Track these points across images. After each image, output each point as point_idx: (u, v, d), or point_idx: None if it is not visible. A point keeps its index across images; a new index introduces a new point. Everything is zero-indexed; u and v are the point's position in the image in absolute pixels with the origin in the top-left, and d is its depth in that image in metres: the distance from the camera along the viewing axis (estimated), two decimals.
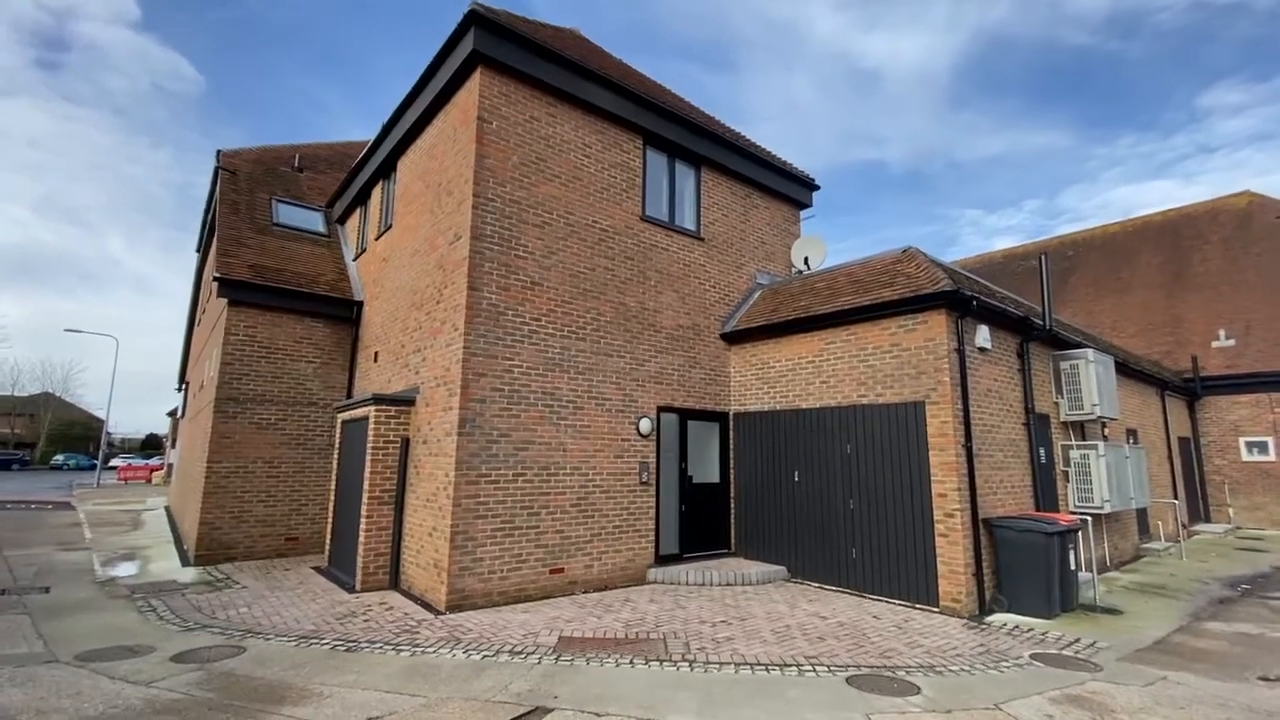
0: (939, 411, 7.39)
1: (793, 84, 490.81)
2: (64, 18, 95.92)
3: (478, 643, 5.58)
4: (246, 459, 10.03)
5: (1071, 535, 7.34)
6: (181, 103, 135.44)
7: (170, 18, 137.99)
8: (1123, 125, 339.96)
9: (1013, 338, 8.66)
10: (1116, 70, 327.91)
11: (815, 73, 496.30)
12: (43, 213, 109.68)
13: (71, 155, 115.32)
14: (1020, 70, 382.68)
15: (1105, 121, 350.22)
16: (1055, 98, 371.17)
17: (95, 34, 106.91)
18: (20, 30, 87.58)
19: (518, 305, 7.71)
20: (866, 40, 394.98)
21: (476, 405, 7.22)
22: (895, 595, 7.53)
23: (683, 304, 9.60)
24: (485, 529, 7.10)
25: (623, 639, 5.78)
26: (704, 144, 10.20)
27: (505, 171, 7.81)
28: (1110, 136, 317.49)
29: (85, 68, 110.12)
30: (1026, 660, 5.42)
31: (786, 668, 5.05)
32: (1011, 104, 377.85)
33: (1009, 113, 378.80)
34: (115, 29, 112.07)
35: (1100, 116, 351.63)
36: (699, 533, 9.34)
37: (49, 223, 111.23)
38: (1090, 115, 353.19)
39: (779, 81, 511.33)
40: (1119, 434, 11.44)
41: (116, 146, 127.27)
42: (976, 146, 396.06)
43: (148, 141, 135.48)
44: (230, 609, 6.87)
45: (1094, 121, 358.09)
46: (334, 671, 4.82)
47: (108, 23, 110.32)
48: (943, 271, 7.79)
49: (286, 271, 10.95)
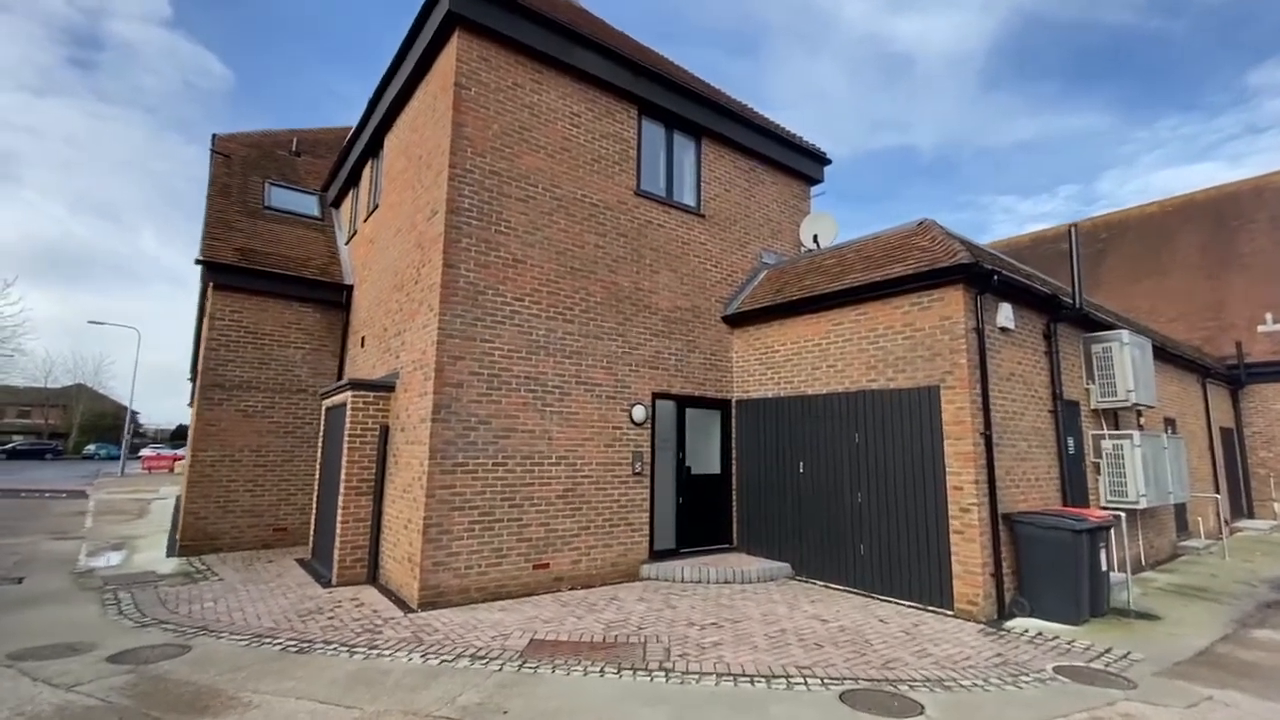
0: (955, 397, 6.75)
1: (818, 70, 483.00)
2: (97, 16, 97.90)
3: (440, 645, 5.15)
4: (233, 447, 9.74)
5: (1102, 533, 6.67)
6: (211, 99, 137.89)
7: (200, 15, 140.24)
8: (1164, 106, 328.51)
9: (1039, 317, 7.94)
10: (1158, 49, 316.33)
11: (842, 57, 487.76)
12: (78, 209, 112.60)
13: (105, 153, 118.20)
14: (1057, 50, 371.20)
15: (1146, 103, 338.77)
16: (1093, 79, 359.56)
17: (127, 32, 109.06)
18: (53, 28, 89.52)
19: (499, 284, 7.23)
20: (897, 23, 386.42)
21: (453, 390, 6.77)
22: (906, 596, 6.94)
23: (681, 284, 9.04)
24: (462, 522, 6.66)
25: (599, 643, 5.30)
26: (705, 114, 9.58)
27: (485, 141, 7.31)
28: (1151, 118, 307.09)
29: (117, 66, 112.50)
30: (1049, 674, 4.81)
31: (774, 679, 4.51)
32: (1047, 86, 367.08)
33: (1045, 95, 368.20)
34: (147, 27, 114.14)
35: (1140, 98, 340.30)
36: (698, 527, 8.81)
37: (84, 219, 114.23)
38: (1130, 96, 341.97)
39: (803, 67, 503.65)
40: (1156, 423, 10.62)
41: (147, 143, 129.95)
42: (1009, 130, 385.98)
43: (179, 138, 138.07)
44: (196, 603, 6.54)
45: (1134, 103, 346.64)
46: (274, 677, 4.41)
47: (140, 21, 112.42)
48: (960, 244, 7.11)
49: (275, 255, 10.63)
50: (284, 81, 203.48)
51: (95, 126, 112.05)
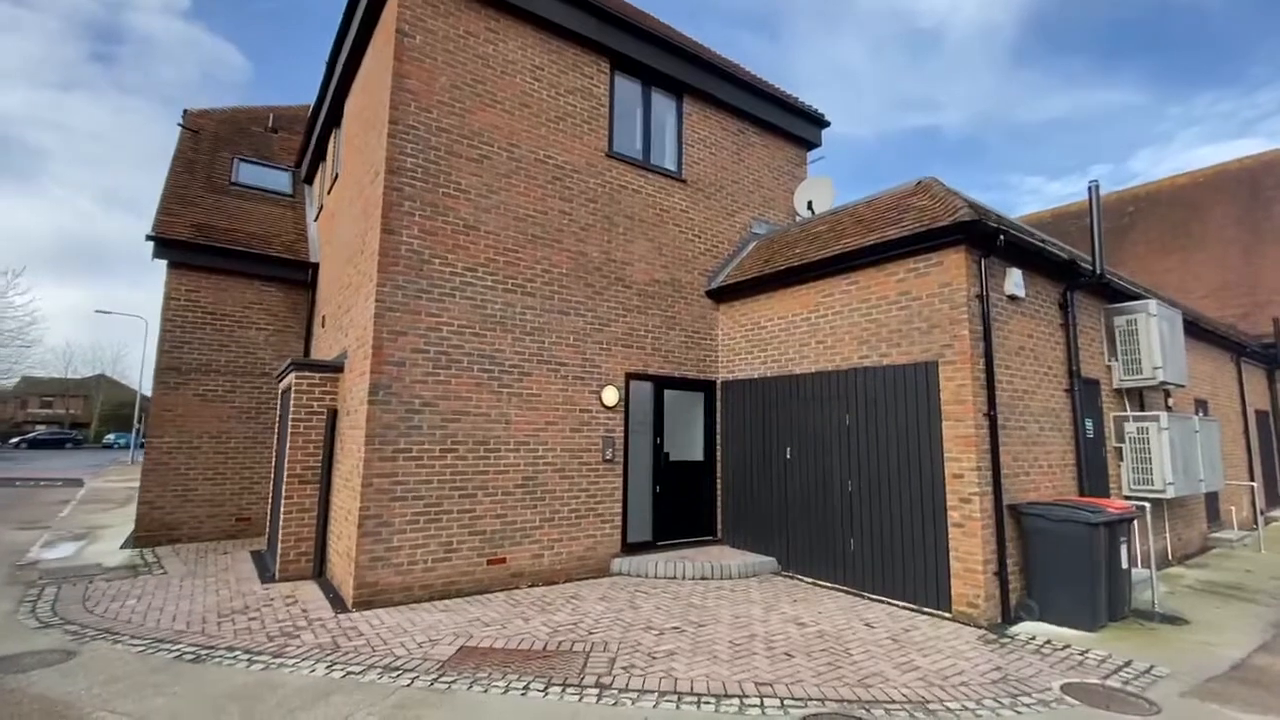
0: (955, 373, 5.98)
1: (840, 48, 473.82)
2: (117, 10, 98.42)
3: (356, 654, 4.55)
4: (191, 433, 9.25)
5: (1123, 525, 5.89)
6: (229, 90, 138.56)
7: (219, 6, 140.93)
8: (1202, 81, 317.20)
9: (1054, 286, 7.11)
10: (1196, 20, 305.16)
11: (866, 35, 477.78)
12: (101, 202, 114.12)
13: (128, 146, 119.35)
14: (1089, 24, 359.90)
15: (1182, 78, 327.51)
16: (1127, 53, 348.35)
17: (147, 24, 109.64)
18: (76, 24, 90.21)
19: (447, 253, 6.57)
20: None
21: (393, 369, 6.14)
22: (899, 596, 6.22)
23: (659, 255, 8.31)
24: (404, 513, 6.05)
25: (537, 651, 4.67)
26: (687, 70, 8.78)
27: (430, 95, 6.62)
28: (1187, 94, 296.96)
29: (137, 59, 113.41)
30: (1056, 694, 4.08)
31: (725, 700, 3.84)
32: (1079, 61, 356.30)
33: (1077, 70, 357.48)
34: (166, 19, 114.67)
35: (1177, 72, 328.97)
36: (677, 518, 8.14)
37: (110, 213, 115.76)
38: (1166, 71, 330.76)
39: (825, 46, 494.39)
40: (1185, 404, 9.71)
41: (166, 136, 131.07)
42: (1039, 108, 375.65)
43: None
44: (120, 600, 6.03)
45: (1170, 78, 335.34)
46: (146, 692, 3.84)
47: (159, 13, 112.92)
48: (963, 201, 6.30)
49: (237, 232, 10.06)
50: (303, 72, 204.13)
51: (118, 121, 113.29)
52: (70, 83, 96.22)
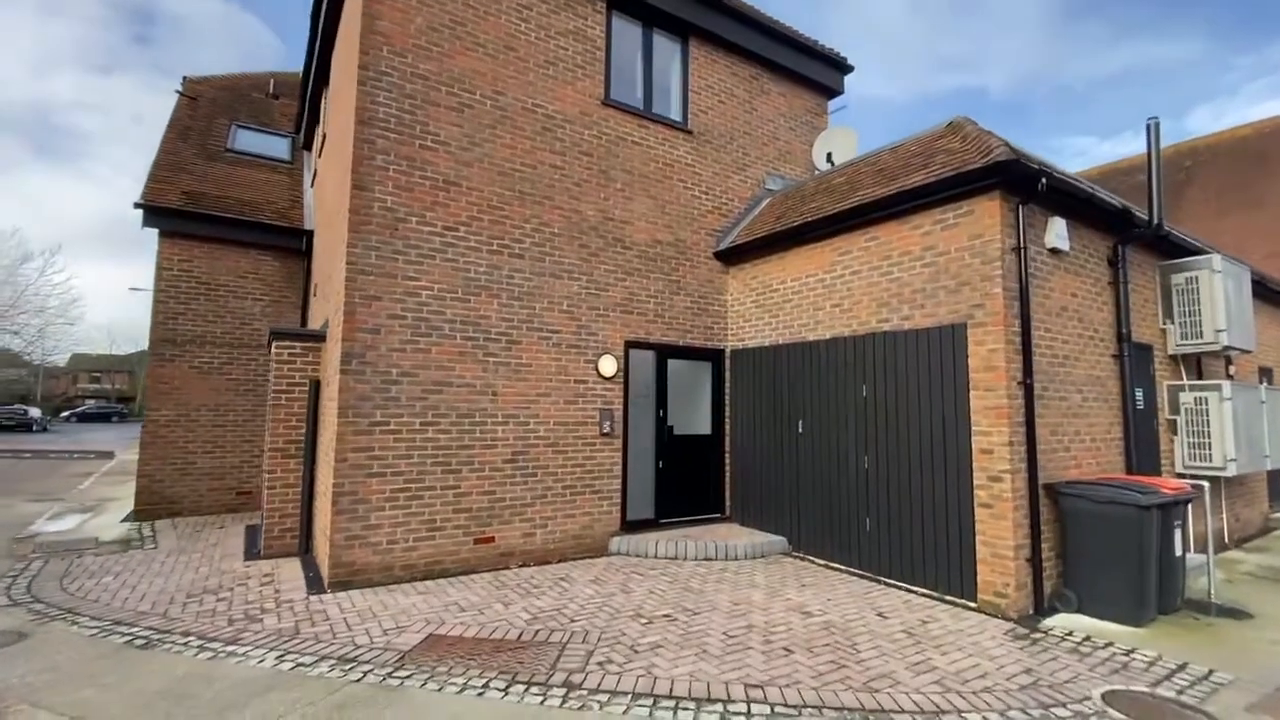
0: (986, 336, 5.30)
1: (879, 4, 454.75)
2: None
3: (314, 642, 4.21)
4: (188, 406, 9.07)
5: (1178, 508, 5.20)
6: (262, 69, 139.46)
7: None
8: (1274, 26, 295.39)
9: (1103, 239, 6.31)
10: None
11: None
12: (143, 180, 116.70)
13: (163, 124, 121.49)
14: None
15: (1251, 22, 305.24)
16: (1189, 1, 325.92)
17: (182, 7, 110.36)
18: (120, 9, 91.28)
19: (425, 211, 6.07)
20: None
21: (367, 336, 5.72)
22: (917, 582, 5.66)
23: (662, 214, 7.69)
24: (383, 490, 5.69)
25: (510, 641, 4.27)
26: (692, 8, 8.02)
27: (406, 38, 6.06)
28: (1255, 43, 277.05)
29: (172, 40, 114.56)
30: (1096, 706, 3.51)
31: (707, 705, 3.38)
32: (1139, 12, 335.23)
33: (1136, 21, 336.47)
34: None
35: (1244, 17, 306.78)
36: (682, 495, 7.67)
37: None
38: (1232, 16, 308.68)
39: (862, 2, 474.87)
40: (1248, 373, 8.79)
41: None
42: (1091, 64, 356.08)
43: None
44: (97, 577, 5.84)
45: (1236, 24, 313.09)
46: (80, 681, 3.55)
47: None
48: (998, 140, 5.53)
49: (229, 199, 9.73)
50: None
51: (160, 101, 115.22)
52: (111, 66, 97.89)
